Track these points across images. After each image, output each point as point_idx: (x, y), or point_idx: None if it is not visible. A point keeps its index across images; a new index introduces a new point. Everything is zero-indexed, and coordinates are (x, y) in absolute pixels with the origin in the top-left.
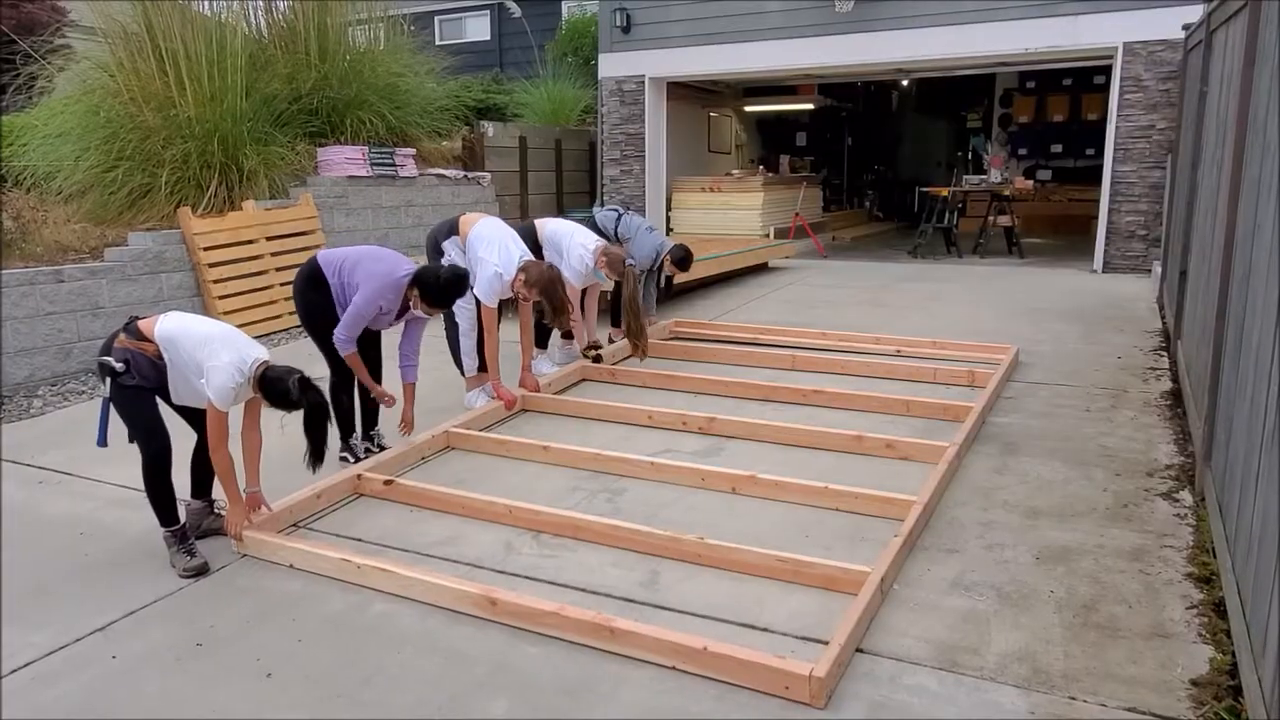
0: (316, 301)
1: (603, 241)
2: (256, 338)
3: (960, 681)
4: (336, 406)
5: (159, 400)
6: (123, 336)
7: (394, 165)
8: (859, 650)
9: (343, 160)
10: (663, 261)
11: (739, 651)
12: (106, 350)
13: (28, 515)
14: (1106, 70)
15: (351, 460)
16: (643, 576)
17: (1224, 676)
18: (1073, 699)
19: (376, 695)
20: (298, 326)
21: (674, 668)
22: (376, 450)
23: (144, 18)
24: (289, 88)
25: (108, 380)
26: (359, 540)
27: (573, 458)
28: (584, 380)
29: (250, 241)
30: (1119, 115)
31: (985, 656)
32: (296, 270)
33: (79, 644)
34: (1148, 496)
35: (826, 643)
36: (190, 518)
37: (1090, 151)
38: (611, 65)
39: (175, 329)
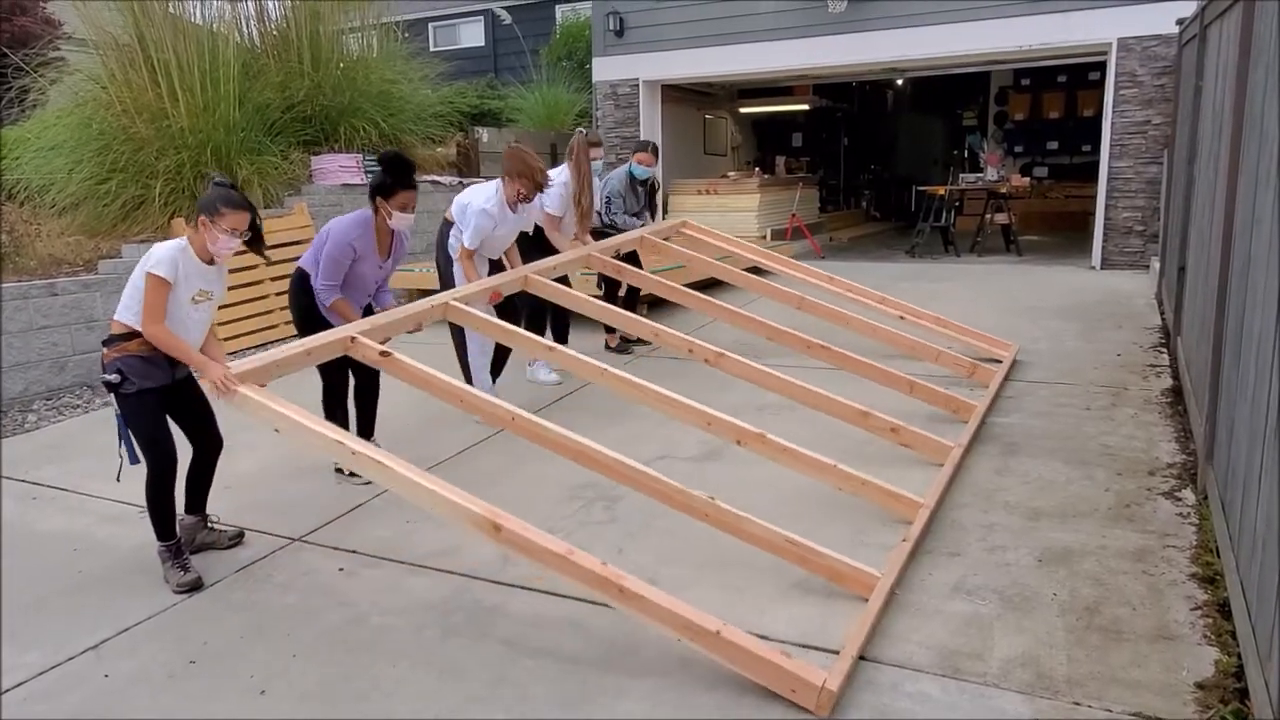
0: (308, 304)
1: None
2: (252, 348)
3: (963, 688)
4: (330, 419)
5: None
6: (105, 351)
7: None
8: (861, 658)
9: (337, 168)
10: (630, 168)
11: (752, 644)
12: (102, 369)
13: (22, 531)
14: (1101, 66)
15: (346, 472)
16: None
17: (1230, 679)
18: (1077, 704)
19: (372, 710)
20: (294, 336)
21: (679, 657)
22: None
23: (135, 29)
24: (282, 96)
25: (112, 396)
26: (354, 551)
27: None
28: None
29: (244, 251)
30: (1114, 111)
31: (988, 662)
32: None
33: (71, 662)
34: (1150, 496)
35: (835, 652)
36: (184, 532)
37: (1086, 148)
38: (605, 69)
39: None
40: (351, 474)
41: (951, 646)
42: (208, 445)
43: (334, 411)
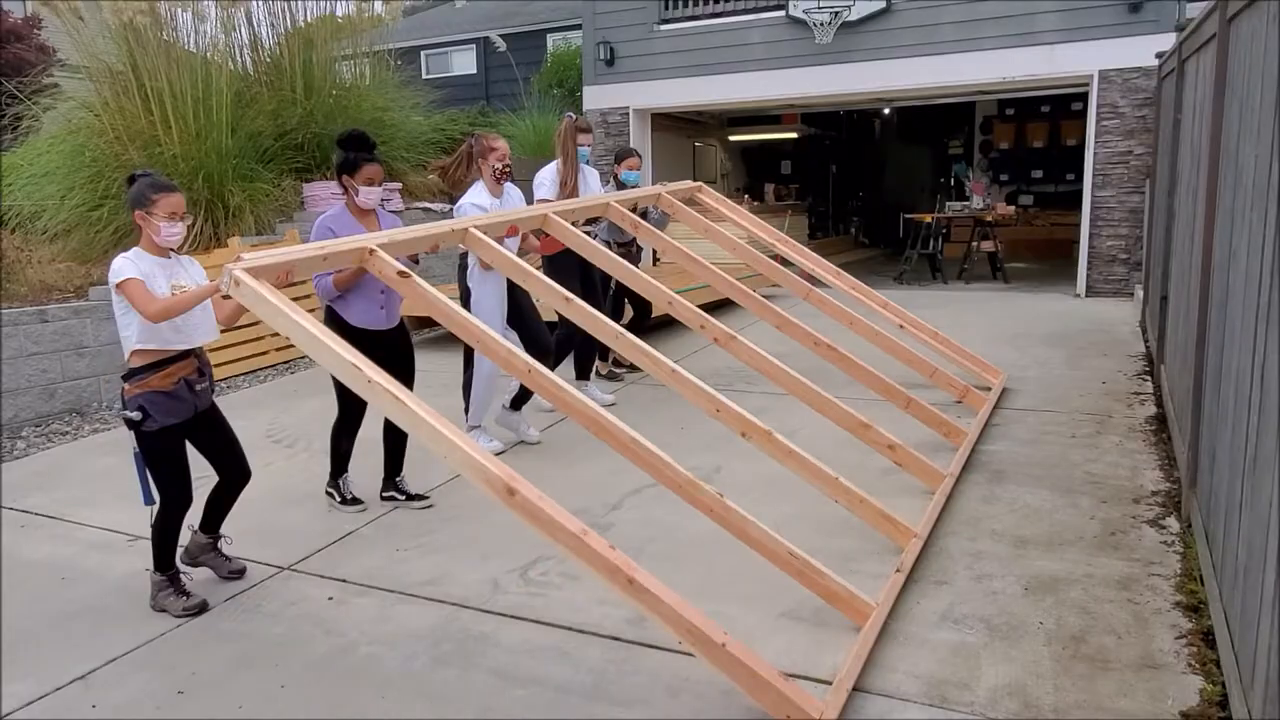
0: (339, 331)
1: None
2: (244, 374)
3: (950, 717)
4: (335, 447)
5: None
6: (126, 386)
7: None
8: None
9: (329, 195)
10: (622, 177)
11: (756, 662)
12: (123, 405)
13: (9, 560)
14: (1084, 97)
15: (336, 498)
16: (630, 614)
17: (1214, 708)
18: None
19: None
20: (285, 363)
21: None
22: (402, 499)
23: (129, 57)
24: (275, 124)
25: (133, 434)
26: (344, 580)
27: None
28: None
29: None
30: (1097, 141)
31: (975, 691)
32: None
33: (59, 693)
34: (1135, 524)
35: (826, 681)
36: (191, 546)
37: (1070, 177)
38: (596, 97)
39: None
40: (344, 501)
41: (939, 676)
42: (235, 475)
43: (340, 440)
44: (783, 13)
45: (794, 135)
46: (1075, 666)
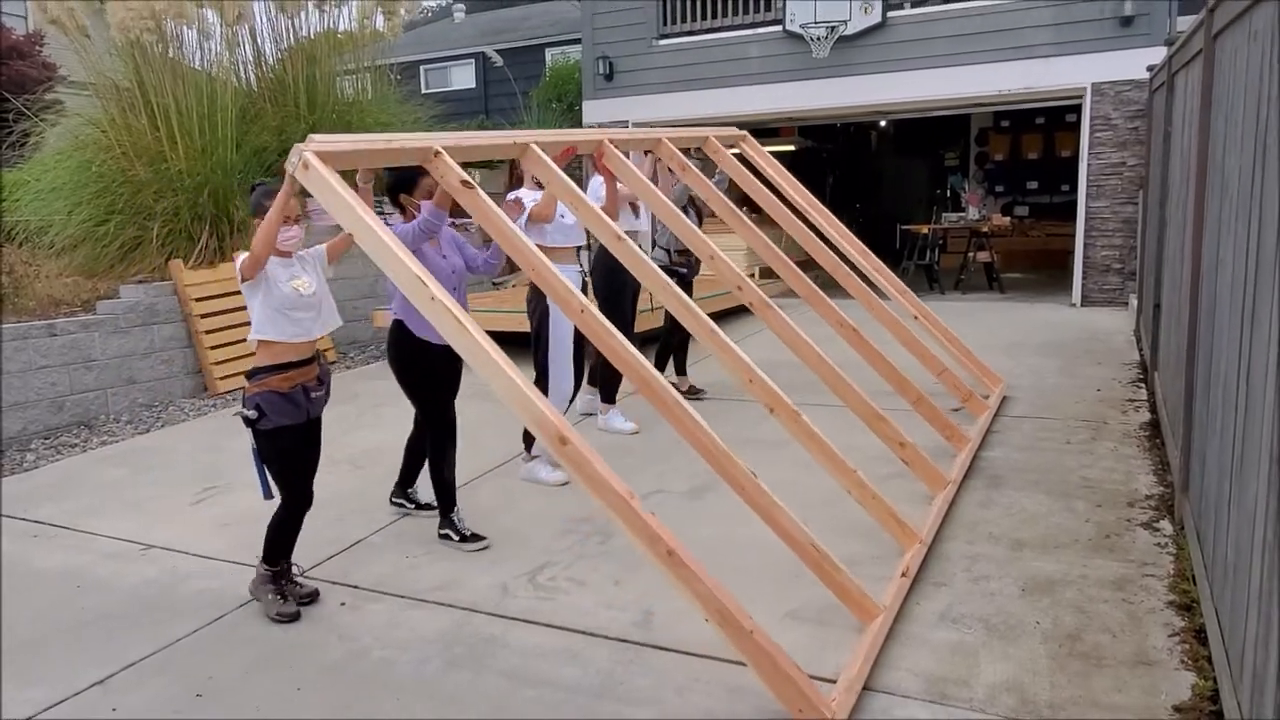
0: (408, 354)
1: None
2: (239, 390)
3: (950, 713)
4: (436, 480)
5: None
6: (247, 384)
7: (384, 213)
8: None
9: None
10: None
11: (778, 654)
12: (243, 402)
13: (23, 568)
14: (1077, 109)
15: (455, 537)
16: (636, 616)
17: (1206, 702)
18: None
19: None
20: None
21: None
22: (410, 508)
23: (135, 74)
24: (279, 140)
25: (250, 432)
26: (356, 587)
27: None
28: None
29: (241, 292)
30: (1090, 153)
31: (974, 688)
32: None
33: (78, 697)
34: (1129, 526)
35: (830, 680)
36: (256, 579)
37: (1065, 188)
38: (596, 111)
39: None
40: (464, 539)
41: (939, 673)
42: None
43: (441, 470)
44: (780, 27)
45: (791, 148)
46: (1071, 664)
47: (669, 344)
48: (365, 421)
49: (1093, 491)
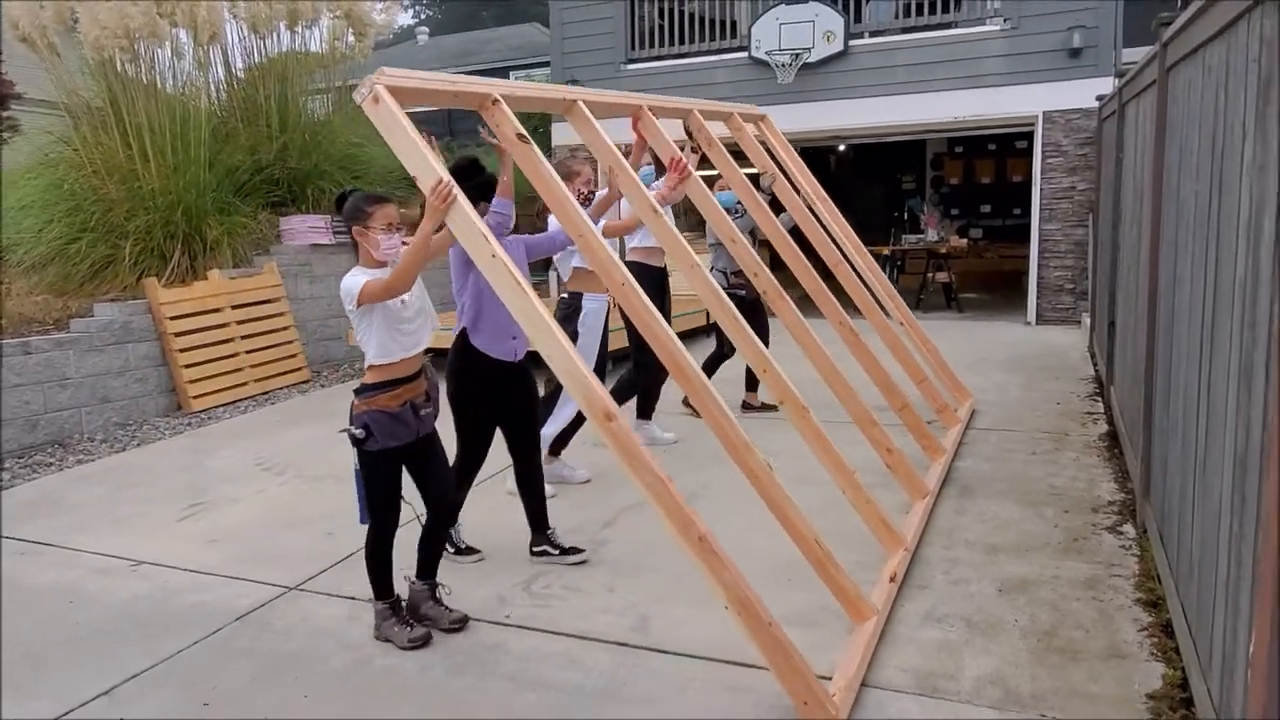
0: (466, 369)
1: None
2: (222, 405)
3: (940, 705)
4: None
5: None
6: (356, 401)
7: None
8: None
9: (306, 229)
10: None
11: (791, 648)
12: (350, 420)
13: (14, 585)
14: (1029, 136)
15: (450, 550)
16: (633, 621)
17: (1176, 690)
18: (1044, 716)
19: None
20: (265, 394)
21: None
22: (555, 554)
23: (108, 92)
24: (251, 159)
25: (355, 451)
26: (353, 598)
27: None
28: None
29: (216, 310)
30: (1043, 178)
31: (961, 681)
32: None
33: (84, 708)
34: (1095, 531)
35: (825, 678)
36: (411, 598)
37: (1017, 211)
38: (565, 132)
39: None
40: (458, 551)
41: (927, 669)
42: (441, 505)
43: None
44: (746, 54)
45: (755, 170)
46: (1049, 658)
47: (722, 355)
48: (345, 439)
49: (1059, 499)
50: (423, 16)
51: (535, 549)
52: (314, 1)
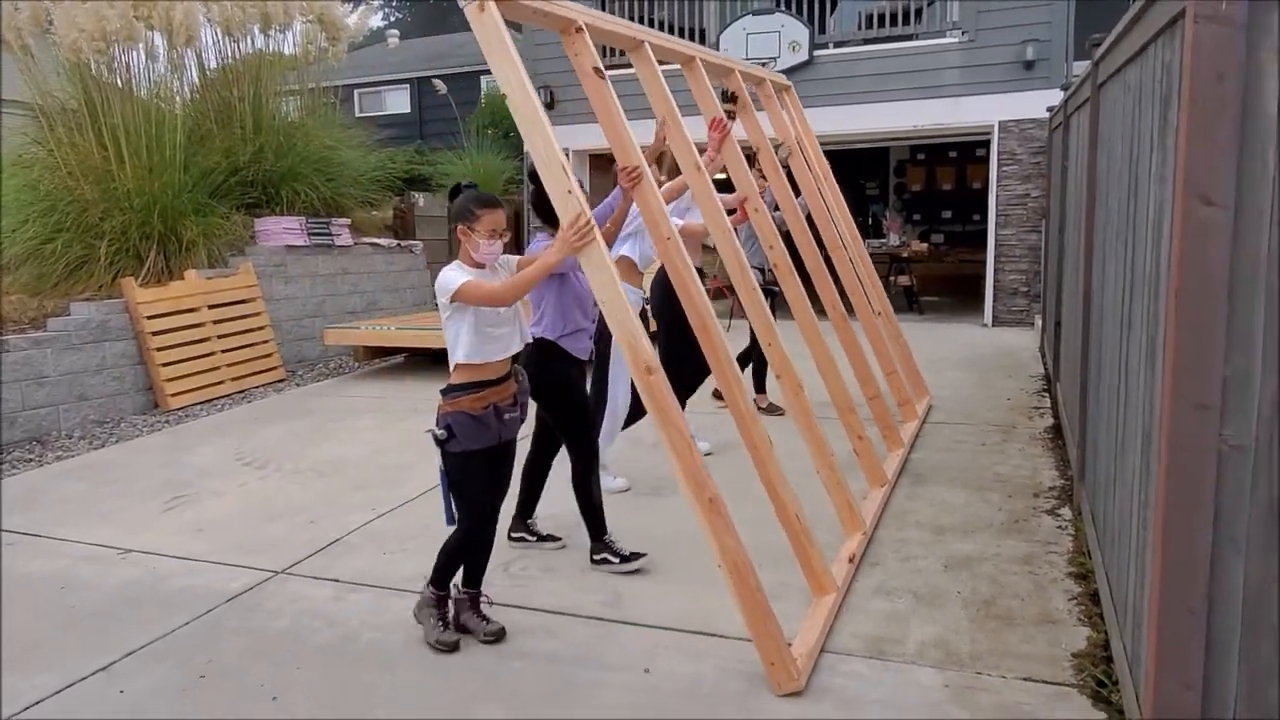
0: (552, 371)
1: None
2: (199, 404)
3: (886, 666)
4: (586, 503)
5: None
6: (441, 402)
7: (330, 234)
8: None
9: (280, 230)
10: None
11: (770, 614)
12: (435, 420)
13: (5, 573)
14: (986, 144)
15: (615, 560)
16: (606, 597)
17: (1098, 649)
18: (979, 674)
19: (382, 710)
20: (241, 393)
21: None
22: (533, 541)
23: (84, 94)
24: (227, 161)
25: (439, 452)
26: (338, 580)
27: None
28: None
29: (192, 310)
30: (999, 185)
31: (906, 645)
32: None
33: (84, 683)
34: (1035, 513)
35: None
36: (455, 605)
37: (976, 217)
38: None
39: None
40: (622, 560)
41: (876, 635)
42: (495, 514)
43: (589, 492)
44: None
45: (722, 176)
46: (987, 624)
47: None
48: (323, 435)
49: (1004, 485)
50: (392, 19)
51: (514, 534)
52: (286, 2)
